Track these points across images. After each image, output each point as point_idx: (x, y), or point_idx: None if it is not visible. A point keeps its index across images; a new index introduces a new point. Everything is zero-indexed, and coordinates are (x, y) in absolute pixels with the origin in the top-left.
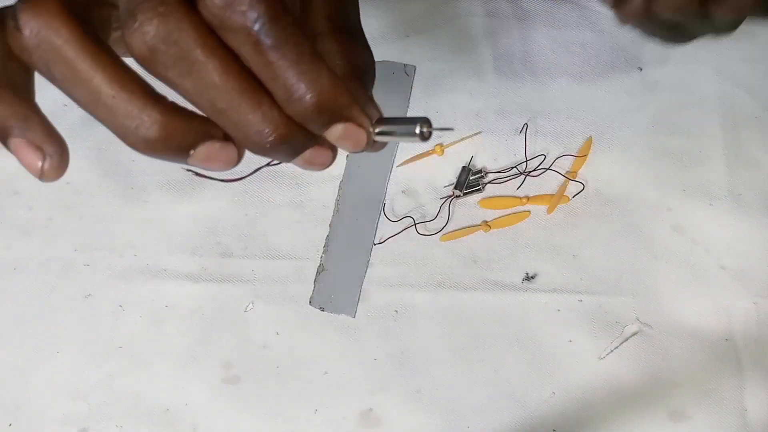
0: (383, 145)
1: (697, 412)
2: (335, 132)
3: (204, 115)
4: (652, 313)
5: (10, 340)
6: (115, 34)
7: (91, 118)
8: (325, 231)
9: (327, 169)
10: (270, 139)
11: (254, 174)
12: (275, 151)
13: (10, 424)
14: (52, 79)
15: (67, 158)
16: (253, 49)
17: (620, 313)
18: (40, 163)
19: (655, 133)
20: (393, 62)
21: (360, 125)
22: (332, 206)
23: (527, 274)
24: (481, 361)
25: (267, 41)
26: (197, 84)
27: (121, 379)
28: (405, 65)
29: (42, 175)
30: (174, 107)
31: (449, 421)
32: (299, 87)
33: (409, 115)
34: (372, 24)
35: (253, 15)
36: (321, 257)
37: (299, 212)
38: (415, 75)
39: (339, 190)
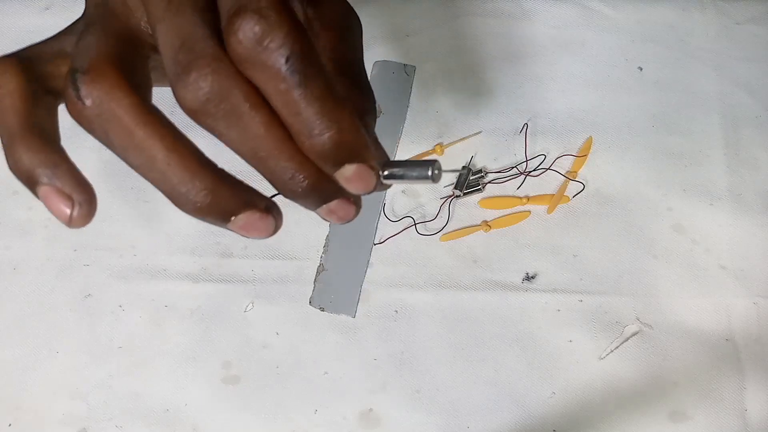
0: (387, 187)
1: (697, 412)
2: (346, 172)
3: (247, 185)
4: (652, 313)
5: (10, 340)
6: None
7: None
8: (325, 231)
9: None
10: (303, 184)
11: (254, 174)
12: (306, 198)
13: (9, 424)
14: (108, 145)
15: (96, 205)
16: (279, 86)
17: (620, 313)
18: (68, 211)
19: (655, 133)
20: (393, 62)
21: (371, 167)
22: None
23: (527, 274)
24: (481, 361)
25: (294, 78)
26: (242, 135)
27: (121, 379)
28: (405, 65)
29: (71, 223)
30: (222, 175)
31: (449, 421)
32: (320, 124)
33: (410, 104)
34: (372, 24)
35: (283, 53)
36: (321, 257)
37: (299, 212)
38: (415, 75)
39: None
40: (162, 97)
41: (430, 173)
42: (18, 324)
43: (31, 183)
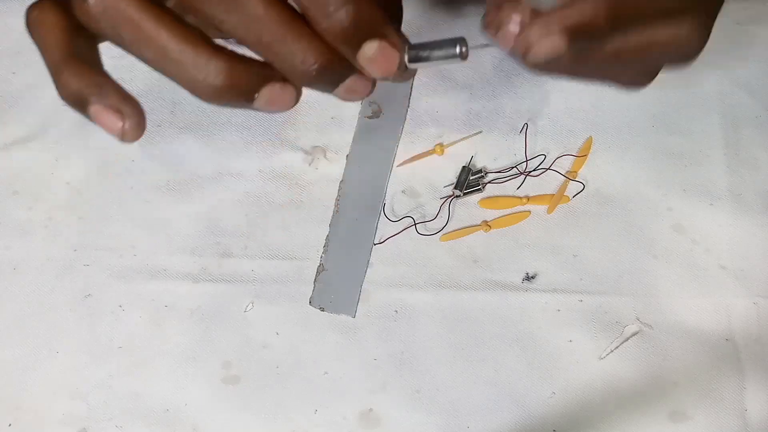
0: (412, 75)
1: (697, 412)
2: (369, 50)
3: (261, 61)
4: (652, 313)
5: (10, 340)
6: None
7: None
8: (325, 231)
9: (327, 169)
10: (314, 66)
11: (254, 174)
12: (320, 80)
13: (9, 424)
14: (120, 43)
15: (145, 118)
16: None
17: (620, 313)
18: (120, 124)
19: (655, 132)
20: None
21: (393, 44)
22: (332, 206)
23: (527, 274)
24: (481, 361)
25: None
26: (243, 19)
27: (121, 379)
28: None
29: (123, 135)
30: (235, 55)
31: (449, 421)
32: (333, 2)
33: (410, 104)
34: None
35: None
36: (321, 257)
37: (299, 212)
38: (415, 75)
39: (339, 190)
40: (162, 96)
41: (458, 50)
42: (18, 324)
43: (81, 105)
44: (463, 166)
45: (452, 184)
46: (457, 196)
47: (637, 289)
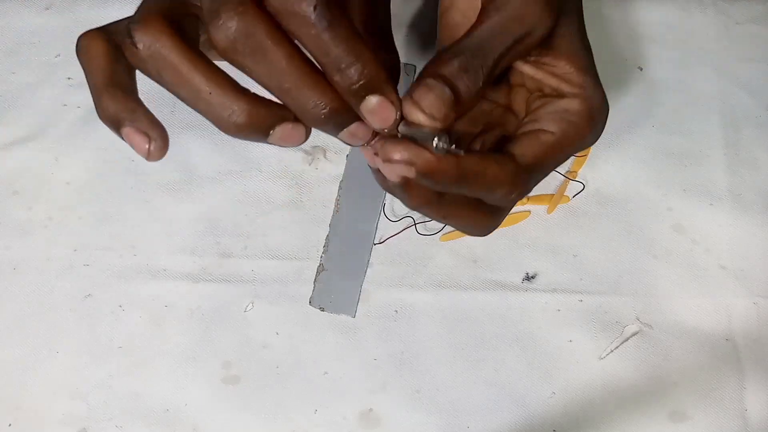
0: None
1: (697, 412)
2: (369, 104)
3: (277, 100)
4: (652, 313)
5: (10, 340)
6: (201, 39)
7: (91, 118)
8: (325, 231)
9: (327, 169)
10: (324, 111)
11: (254, 174)
12: (328, 123)
13: (9, 424)
14: (161, 82)
15: (167, 141)
16: (310, 31)
17: (620, 313)
18: (146, 146)
19: (655, 133)
20: None
21: (392, 101)
22: (332, 206)
23: (527, 274)
24: (481, 361)
25: (322, 23)
26: (268, 69)
27: (121, 379)
28: (405, 65)
29: (149, 155)
30: (256, 98)
31: (449, 421)
32: (347, 59)
33: None
34: None
35: (311, 2)
36: (321, 257)
37: (299, 212)
38: (415, 74)
39: (339, 189)
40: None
41: (435, 143)
42: (18, 324)
43: (116, 126)
44: None
45: None
46: None
47: (637, 289)
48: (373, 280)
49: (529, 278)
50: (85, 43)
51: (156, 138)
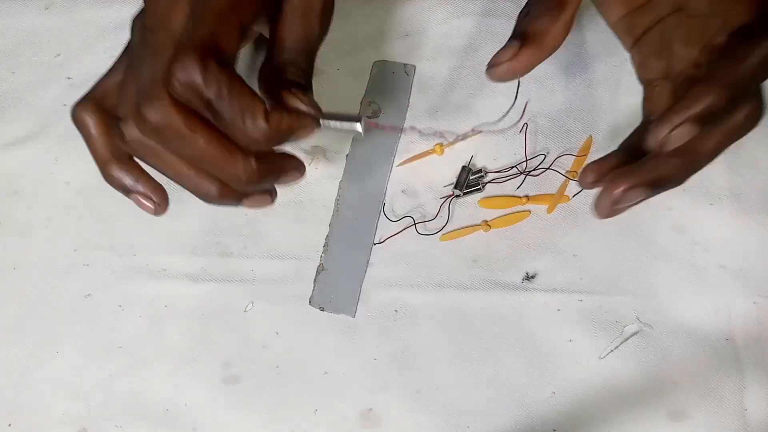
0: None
1: (697, 412)
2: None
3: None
4: (652, 313)
5: (10, 340)
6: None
7: None
8: (325, 231)
9: (327, 169)
10: (244, 180)
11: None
12: (245, 191)
13: (9, 424)
14: (147, 163)
15: (168, 199)
16: (213, 111)
17: (620, 313)
18: (152, 206)
19: None
20: (392, 62)
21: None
22: (332, 206)
23: (527, 273)
24: (481, 361)
25: (222, 107)
26: (192, 151)
27: (121, 379)
28: (405, 65)
29: (155, 213)
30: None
31: (449, 421)
32: (245, 123)
33: (408, 112)
34: (372, 24)
35: (210, 90)
36: (321, 257)
37: (299, 212)
38: (415, 74)
39: (339, 189)
40: None
41: (359, 127)
42: (18, 324)
43: (124, 191)
44: (463, 166)
45: (452, 183)
46: (457, 196)
47: (637, 289)
48: (373, 279)
49: (529, 278)
50: (80, 116)
51: (158, 199)
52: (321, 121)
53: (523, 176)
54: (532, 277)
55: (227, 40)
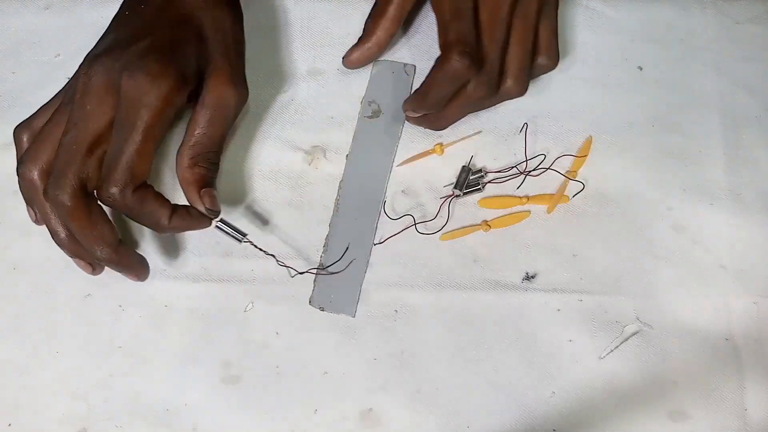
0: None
1: (697, 412)
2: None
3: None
4: (652, 312)
5: (10, 340)
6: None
7: None
8: (325, 231)
9: (327, 169)
10: (105, 257)
11: (254, 174)
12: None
13: (9, 424)
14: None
15: (148, 268)
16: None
17: (620, 313)
18: (89, 269)
19: (655, 133)
20: (393, 62)
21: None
22: (332, 206)
23: (527, 273)
24: (481, 361)
25: (136, 214)
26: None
27: (121, 379)
28: (405, 65)
29: (92, 273)
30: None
31: (449, 421)
32: (153, 225)
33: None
34: None
35: (128, 207)
36: (321, 257)
37: (299, 212)
38: (416, 74)
39: (338, 189)
40: None
41: (240, 241)
42: (18, 324)
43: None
44: (463, 166)
45: (452, 183)
46: (457, 196)
47: (637, 289)
48: (373, 279)
49: (529, 278)
50: (29, 179)
51: (94, 268)
52: (214, 222)
53: (523, 176)
54: (532, 277)
55: (142, 169)
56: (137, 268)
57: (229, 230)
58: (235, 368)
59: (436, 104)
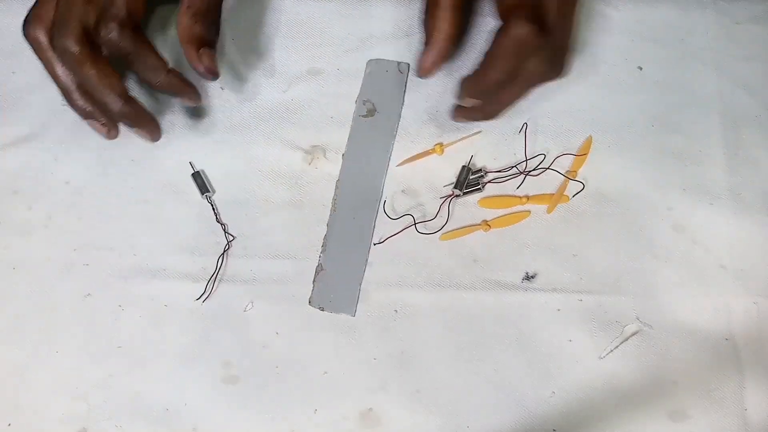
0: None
1: (697, 412)
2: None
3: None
4: (652, 312)
5: (10, 339)
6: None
7: None
8: (324, 230)
9: (326, 169)
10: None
11: (254, 174)
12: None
13: (9, 424)
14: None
15: (118, 127)
16: (126, 58)
17: (620, 313)
18: (105, 129)
19: (655, 133)
20: (386, 60)
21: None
22: (330, 205)
23: (527, 273)
24: (481, 361)
25: (134, 60)
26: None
27: (121, 379)
28: (398, 63)
29: (107, 137)
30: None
31: (449, 421)
32: (148, 75)
33: (410, 103)
34: (373, 23)
35: (126, 48)
36: (319, 257)
37: (298, 212)
38: (410, 72)
39: (336, 189)
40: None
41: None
42: (18, 324)
43: (83, 114)
44: (463, 166)
45: (452, 183)
46: (457, 196)
47: (637, 289)
48: (373, 279)
49: (528, 278)
50: (34, 36)
51: (110, 127)
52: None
53: (523, 176)
54: (532, 277)
55: (137, 7)
56: (150, 124)
57: (201, 182)
58: (235, 368)
59: (497, 84)
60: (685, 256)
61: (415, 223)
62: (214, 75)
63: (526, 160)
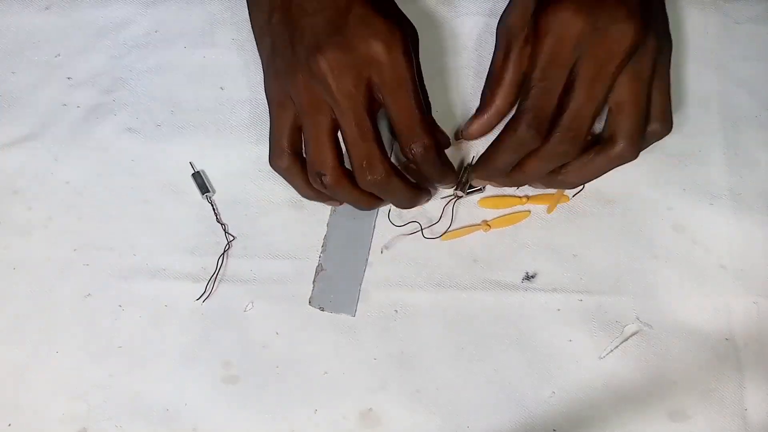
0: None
1: (697, 412)
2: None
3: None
4: (652, 312)
5: (10, 340)
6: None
7: (91, 118)
8: (324, 231)
9: None
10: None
11: (254, 174)
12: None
13: (9, 424)
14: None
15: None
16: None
17: (620, 313)
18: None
19: None
20: None
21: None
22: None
23: (527, 273)
24: (481, 361)
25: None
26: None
27: (121, 379)
28: None
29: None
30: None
31: (449, 421)
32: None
33: None
34: None
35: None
36: (319, 257)
37: (298, 212)
38: None
39: None
40: (162, 96)
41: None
42: (18, 324)
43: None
44: (465, 166)
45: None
46: (459, 197)
47: (637, 289)
48: (373, 279)
49: (529, 278)
50: (287, 168)
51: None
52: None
53: None
54: (532, 277)
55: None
56: (426, 196)
57: (201, 182)
58: (235, 368)
59: (503, 169)
60: (685, 256)
61: (422, 229)
62: (445, 144)
63: None
